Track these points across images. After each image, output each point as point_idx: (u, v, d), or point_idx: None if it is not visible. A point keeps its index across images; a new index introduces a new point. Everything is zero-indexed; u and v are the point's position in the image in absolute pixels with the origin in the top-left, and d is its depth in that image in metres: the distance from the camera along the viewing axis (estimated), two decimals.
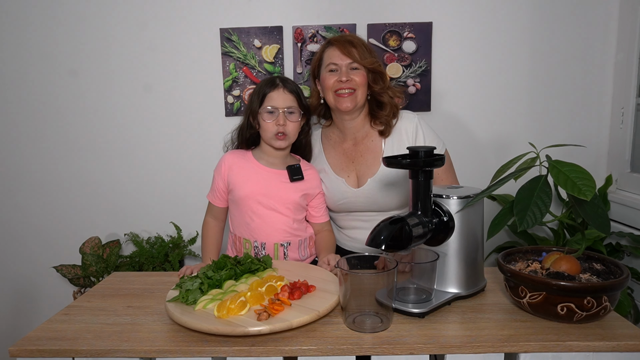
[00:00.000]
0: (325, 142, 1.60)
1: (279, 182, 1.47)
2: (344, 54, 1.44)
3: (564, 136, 1.94)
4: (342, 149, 1.55)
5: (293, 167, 1.49)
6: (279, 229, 1.46)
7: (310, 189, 1.50)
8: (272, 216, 1.45)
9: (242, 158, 1.50)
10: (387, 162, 1.10)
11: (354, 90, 1.44)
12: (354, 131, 1.54)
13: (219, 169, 1.50)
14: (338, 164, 1.55)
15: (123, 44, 1.94)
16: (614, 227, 1.77)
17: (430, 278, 1.07)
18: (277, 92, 1.43)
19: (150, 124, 2.00)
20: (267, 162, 1.49)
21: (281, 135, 1.43)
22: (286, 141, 1.45)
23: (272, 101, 1.43)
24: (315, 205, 1.54)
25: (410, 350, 0.92)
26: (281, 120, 1.42)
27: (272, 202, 1.45)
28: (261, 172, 1.47)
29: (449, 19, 1.89)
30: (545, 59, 1.91)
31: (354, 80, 1.44)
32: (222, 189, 1.50)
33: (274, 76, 1.51)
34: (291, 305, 1.03)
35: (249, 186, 1.45)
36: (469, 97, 1.95)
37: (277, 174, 1.48)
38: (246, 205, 1.45)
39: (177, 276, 1.30)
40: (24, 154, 2.03)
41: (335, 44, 1.47)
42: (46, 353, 0.94)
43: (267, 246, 1.46)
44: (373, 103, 1.52)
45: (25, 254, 2.09)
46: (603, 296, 0.94)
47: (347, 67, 1.44)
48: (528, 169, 1.04)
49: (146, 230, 2.07)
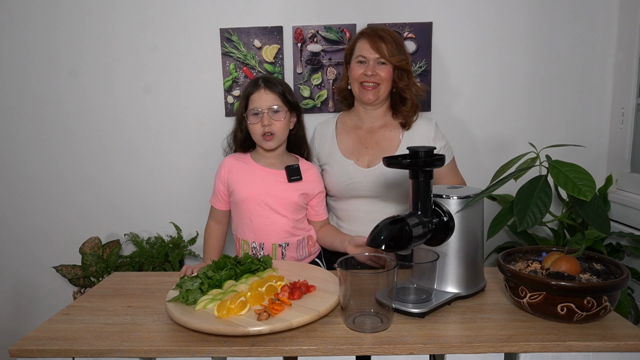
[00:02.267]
0: (340, 127, 1.62)
1: (278, 183, 1.47)
2: (373, 49, 1.46)
3: (564, 136, 1.94)
4: (357, 134, 1.57)
5: (291, 167, 1.49)
6: (278, 229, 1.46)
7: (309, 189, 1.50)
8: (271, 217, 1.45)
9: (241, 160, 1.51)
10: (387, 162, 1.10)
11: (378, 84, 1.48)
12: (372, 120, 1.57)
13: (218, 173, 1.51)
14: (349, 148, 1.56)
15: (123, 44, 1.94)
16: (614, 227, 1.77)
17: (430, 278, 1.07)
18: (258, 94, 1.43)
19: (150, 124, 2.00)
20: (265, 163, 1.49)
21: (268, 135, 1.43)
22: (274, 141, 1.44)
23: (255, 103, 1.43)
24: (314, 205, 1.54)
25: (410, 350, 0.92)
26: (265, 121, 1.41)
27: (270, 202, 1.45)
28: (260, 173, 1.48)
29: (449, 19, 1.89)
30: (545, 59, 1.91)
31: (379, 74, 1.47)
32: (223, 192, 1.51)
33: (257, 77, 1.51)
34: (291, 305, 1.03)
35: (248, 188, 1.46)
36: (469, 97, 1.95)
37: (276, 174, 1.48)
38: (245, 207, 1.46)
39: (177, 277, 1.30)
40: (24, 154, 2.03)
41: (366, 36, 1.49)
42: (46, 353, 0.94)
43: (266, 246, 1.46)
44: (396, 97, 1.55)
45: (25, 254, 2.09)
46: (603, 296, 0.94)
47: (375, 62, 1.47)
48: (528, 169, 1.04)
49: (146, 230, 2.07)
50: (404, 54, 1.50)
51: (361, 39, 1.50)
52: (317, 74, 1.93)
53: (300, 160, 1.55)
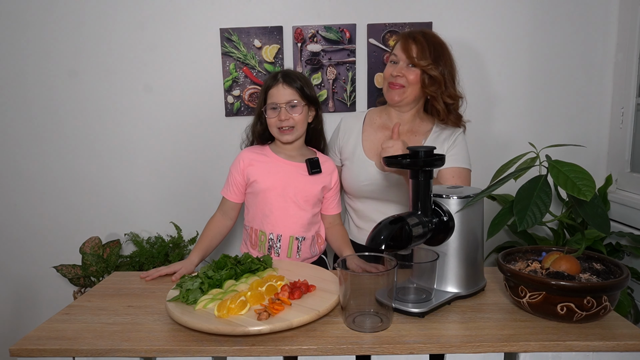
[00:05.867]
0: (368, 124, 1.59)
1: (300, 175, 1.47)
2: (402, 50, 1.43)
3: (564, 136, 1.94)
4: (384, 135, 1.53)
5: (312, 160, 1.48)
6: (297, 222, 1.46)
7: (327, 182, 1.50)
8: (291, 209, 1.45)
9: (261, 153, 1.50)
10: (387, 162, 1.10)
11: (404, 86, 1.44)
12: (401, 122, 1.52)
13: (236, 165, 1.49)
14: (373, 147, 1.53)
15: (123, 44, 1.94)
16: (614, 227, 1.77)
17: (430, 278, 1.08)
18: (277, 88, 1.44)
19: (150, 124, 2.00)
20: (285, 156, 1.49)
21: (286, 129, 1.44)
22: (293, 134, 1.45)
23: (273, 97, 1.44)
24: (329, 197, 1.53)
25: (410, 350, 0.92)
26: (283, 115, 1.42)
27: (292, 195, 1.45)
28: (282, 165, 1.47)
29: (449, 19, 1.89)
30: (545, 58, 1.92)
31: (405, 77, 1.43)
32: (239, 183, 1.49)
33: (278, 71, 1.51)
34: (291, 305, 1.03)
35: (270, 179, 1.45)
36: (469, 97, 1.93)
37: (297, 166, 1.48)
38: (266, 198, 1.45)
39: (172, 281, 1.29)
40: (24, 154, 2.03)
41: (401, 37, 1.46)
42: (47, 353, 0.94)
43: (283, 238, 1.46)
44: (429, 105, 1.51)
45: (25, 254, 2.09)
46: (603, 296, 0.94)
47: (405, 63, 1.44)
48: (528, 169, 1.04)
49: (146, 230, 2.07)
50: (437, 59, 1.42)
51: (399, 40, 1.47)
52: (317, 74, 1.94)
53: (317, 153, 1.54)
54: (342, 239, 1.52)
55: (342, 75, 1.94)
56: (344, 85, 1.95)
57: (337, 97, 1.95)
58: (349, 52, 1.92)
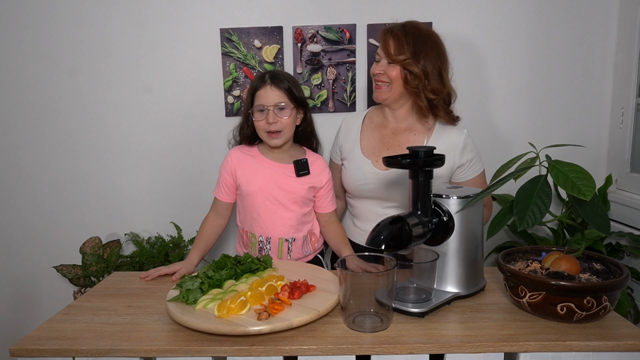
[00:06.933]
0: (367, 123, 1.57)
1: (286, 177, 1.45)
2: (382, 47, 1.41)
3: (564, 136, 1.94)
4: (381, 134, 1.52)
5: (300, 162, 1.47)
6: (285, 224, 1.45)
7: (316, 182, 1.48)
8: (279, 211, 1.44)
9: (249, 154, 1.49)
10: (387, 162, 1.10)
11: (389, 84, 1.41)
12: (396, 120, 1.50)
13: (225, 165, 1.48)
14: (371, 147, 1.51)
15: (123, 44, 1.94)
16: (614, 227, 1.77)
17: (430, 278, 1.08)
18: (264, 90, 1.40)
19: (150, 124, 2.00)
20: (273, 157, 1.48)
21: (274, 133, 1.41)
22: (280, 138, 1.42)
23: (261, 99, 1.41)
24: (321, 196, 1.50)
25: (410, 350, 0.92)
26: (271, 118, 1.39)
27: (279, 197, 1.44)
28: (269, 167, 1.46)
29: (449, 19, 1.89)
30: (545, 58, 1.91)
31: (387, 74, 1.40)
32: (229, 184, 1.48)
33: (265, 72, 1.46)
34: (291, 305, 1.03)
35: (256, 182, 1.44)
36: (469, 97, 1.95)
37: (284, 168, 1.46)
38: (253, 200, 1.44)
39: (172, 281, 1.30)
40: (24, 154, 2.03)
41: (381, 33, 1.42)
42: (47, 353, 0.94)
43: (272, 241, 1.46)
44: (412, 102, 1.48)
45: (25, 254, 2.09)
46: (603, 296, 0.94)
47: (386, 60, 1.40)
48: (528, 169, 1.04)
49: (146, 230, 2.07)
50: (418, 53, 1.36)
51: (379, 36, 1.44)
52: (317, 74, 1.94)
53: (307, 152, 1.53)
54: (340, 237, 1.50)
55: (342, 76, 1.94)
56: (344, 86, 1.95)
57: (337, 97, 1.95)
58: (349, 52, 1.92)
